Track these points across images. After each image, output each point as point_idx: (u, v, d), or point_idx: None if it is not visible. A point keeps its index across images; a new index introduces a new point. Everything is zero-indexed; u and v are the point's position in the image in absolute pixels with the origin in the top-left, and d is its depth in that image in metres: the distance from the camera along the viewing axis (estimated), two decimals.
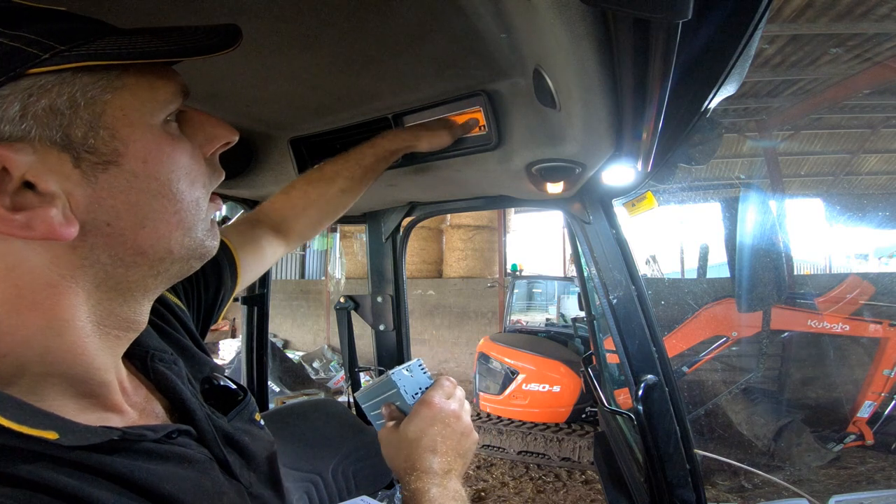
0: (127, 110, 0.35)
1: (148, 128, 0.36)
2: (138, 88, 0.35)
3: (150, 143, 0.36)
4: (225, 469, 0.45)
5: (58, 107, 0.31)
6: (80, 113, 0.32)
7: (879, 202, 9.99)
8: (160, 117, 0.37)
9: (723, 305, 3.85)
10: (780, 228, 4.68)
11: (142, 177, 0.35)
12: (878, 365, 3.53)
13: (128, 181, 0.35)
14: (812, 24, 4.67)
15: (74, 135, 0.32)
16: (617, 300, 1.14)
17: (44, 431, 0.32)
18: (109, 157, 0.34)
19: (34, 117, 0.31)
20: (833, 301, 4.05)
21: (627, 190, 1.11)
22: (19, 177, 0.31)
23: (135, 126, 0.35)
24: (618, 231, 1.16)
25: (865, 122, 8.09)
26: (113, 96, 0.34)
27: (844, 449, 3.59)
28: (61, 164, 0.32)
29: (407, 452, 0.59)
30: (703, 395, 4.34)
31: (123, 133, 0.34)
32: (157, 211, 0.36)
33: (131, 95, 0.35)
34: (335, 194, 0.85)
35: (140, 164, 0.35)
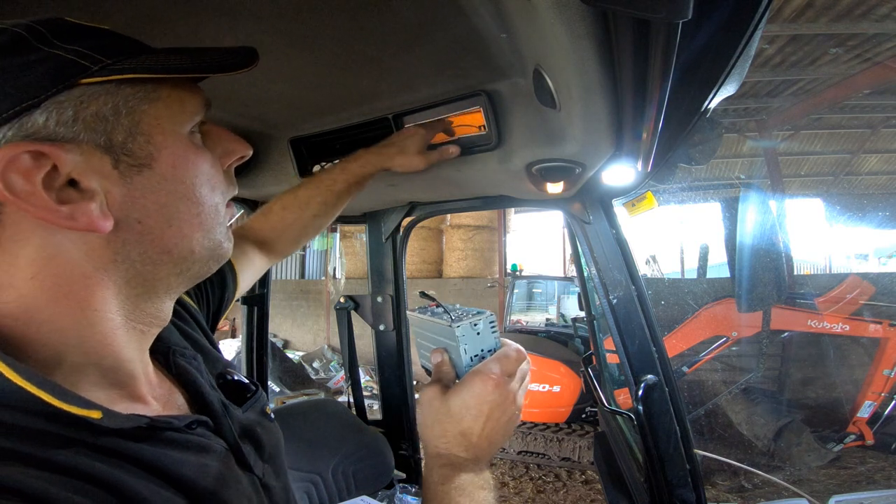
0: (161, 119, 0.39)
1: (177, 136, 0.40)
2: (170, 100, 0.39)
3: (179, 150, 0.40)
4: (240, 459, 0.47)
5: (103, 113, 0.35)
6: (121, 120, 0.36)
7: (879, 202, 10.00)
8: (188, 127, 0.41)
9: (723, 305, 3.86)
10: (780, 228, 4.68)
11: (170, 180, 0.39)
12: (878, 365, 3.53)
13: (158, 183, 0.38)
14: (812, 24, 4.67)
15: (115, 139, 0.36)
16: (617, 300, 1.14)
17: (89, 411, 0.34)
18: (144, 160, 0.38)
19: (83, 122, 0.35)
20: (833, 301, 4.05)
21: (627, 190, 1.11)
22: (66, 174, 0.34)
23: (167, 134, 0.39)
24: (618, 231, 1.16)
25: (865, 122, 8.09)
26: (149, 107, 0.38)
27: (844, 449, 3.59)
28: (102, 164, 0.36)
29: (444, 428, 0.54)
30: (703, 395, 4.34)
31: (157, 140, 0.38)
32: (182, 212, 0.40)
33: (164, 106, 0.39)
34: (309, 219, 0.88)
35: (170, 168, 0.39)
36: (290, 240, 0.90)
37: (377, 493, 1.44)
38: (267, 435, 0.55)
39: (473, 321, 0.57)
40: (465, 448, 0.54)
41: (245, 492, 0.45)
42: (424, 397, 0.57)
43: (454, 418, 0.54)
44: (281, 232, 0.88)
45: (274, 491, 0.51)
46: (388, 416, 1.66)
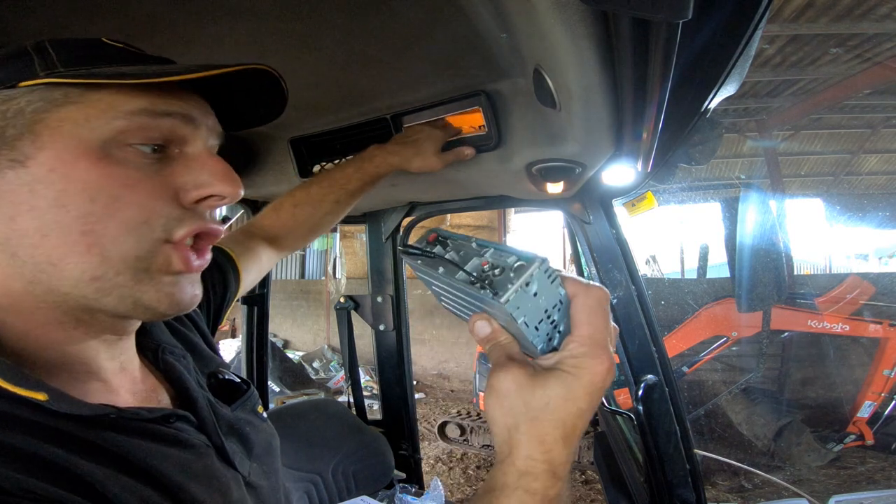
0: (63, 121, 0.36)
1: (73, 140, 0.36)
2: (91, 104, 0.36)
3: (65, 153, 0.35)
4: (222, 456, 0.46)
5: (13, 110, 0.35)
6: (23, 118, 0.35)
7: (879, 202, 10.00)
8: (101, 133, 0.36)
9: (723, 305, 3.85)
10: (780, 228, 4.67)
11: (44, 183, 0.35)
12: (878, 365, 3.53)
13: (29, 183, 0.35)
14: (812, 24, 4.67)
15: (8, 133, 0.35)
16: (617, 300, 1.14)
17: (35, 393, 0.33)
18: (18, 157, 0.35)
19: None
20: (833, 301, 4.05)
21: (627, 190, 1.11)
22: None
23: (58, 136, 0.35)
24: (618, 231, 1.16)
25: (865, 122, 8.09)
26: (60, 109, 0.36)
27: (844, 449, 3.59)
28: None
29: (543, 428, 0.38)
30: (703, 395, 4.34)
31: (43, 139, 0.35)
32: (58, 224, 0.35)
33: (77, 109, 0.36)
34: (321, 216, 0.89)
35: (45, 171, 0.35)
36: (299, 236, 0.91)
37: (377, 493, 1.44)
38: (256, 434, 0.54)
39: (523, 281, 0.38)
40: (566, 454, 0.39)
41: (221, 488, 0.43)
42: (505, 384, 0.39)
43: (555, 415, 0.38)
44: (291, 229, 0.89)
45: (260, 490, 0.51)
46: (388, 416, 1.66)
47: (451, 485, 3.66)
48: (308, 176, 1.08)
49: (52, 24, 0.58)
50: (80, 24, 0.58)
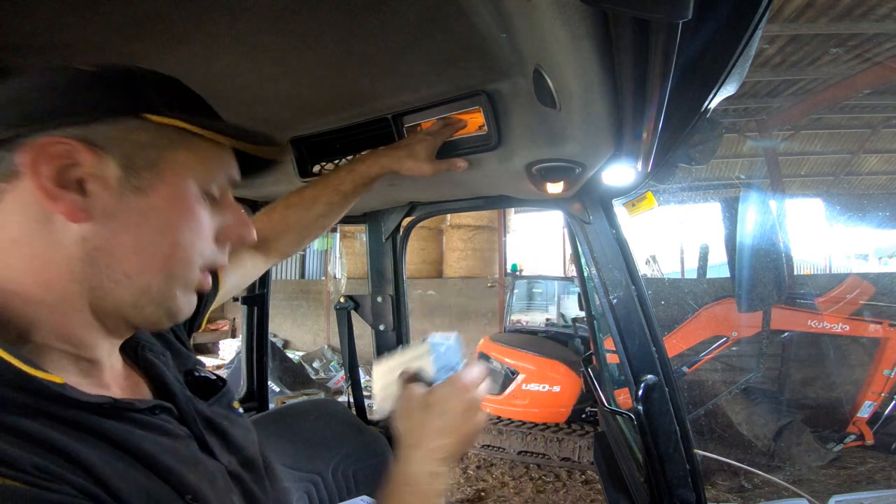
0: (179, 163, 0.44)
1: (184, 182, 0.44)
2: (198, 154, 0.45)
3: (179, 192, 0.44)
4: (203, 447, 0.49)
5: (140, 141, 0.42)
6: (148, 151, 0.42)
7: (879, 202, 10.00)
8: (200, 182, 0.45)
9: (723, 305, 3.86)
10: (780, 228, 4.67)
11: (157, 211, 0.43)
12: (878, 365, 3.53)
13: (144, 209, 0.42)
14: (812, 24, 4.67)
15: (136, 162, 0.42)
16: (617, 300, 1.14)
17: (53, 376, 0.37)
18: (144, 186, 0.42)
19: (122, 141, 0.41)
20: (833, 301, 4.05)
21: (627, 190, 1.11)
22: (82, 172, 0.40)
23: (176, 175, 0.44)
24: (618, 231, 1.16)
25: (865, 122, 8.09)
26: (177, 151, 0.44)
27: (844, 449, 3.59)
28: (112, 174, 0.41)
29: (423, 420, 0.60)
30: (703, 395, 4.34)
31: (165, 175, 0.43)
32: (153, 245, 0.43)
33: (189, 155, 0.45)
34: (313, 219, 0.88)
35: (161, 201, 0.43)
36: (292, 240, 0.90)
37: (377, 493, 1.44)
38: (234, 428, 0.57)
39: (441, 340, 0.65)
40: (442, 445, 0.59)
41: (208, 474, 0.46)
42: (405, 393, 0.63)
43: (434, 412, 0.59)
44: (282, 232, 0.88)
45: (242, 479, 0.53)
46: (389, 416, 1.66)
47: (451, 485, 3.67)
48: (308, 176, 1.08)
49: (51, 24, 0.58)
50: (79, 24, 0.58)
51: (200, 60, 0.69)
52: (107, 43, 0.63)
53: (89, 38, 0.61)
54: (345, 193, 0.87)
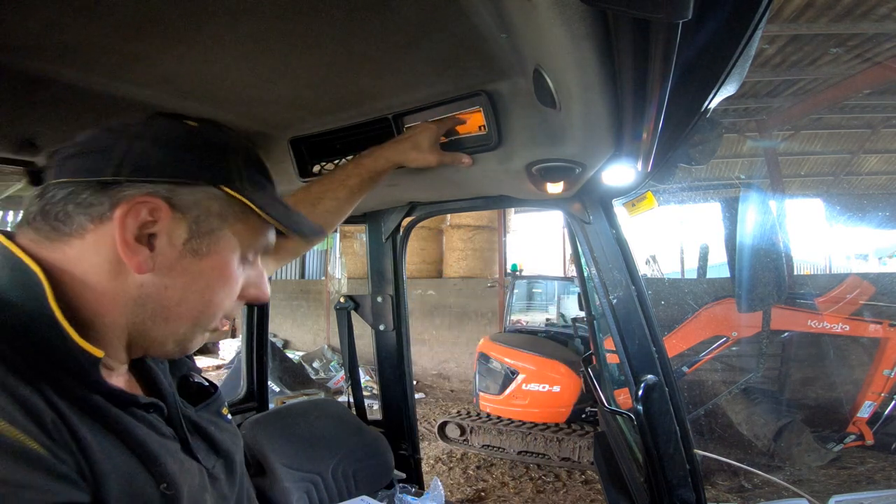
0: (234, 236, 0.51)
1: (233, 252, 0.51)
2: (250, 229, 0.52)
3: (225, 261, 0.51)
4: (185, 448, 0.52)
5: (212, 209, 0.49)
6: (213, 219, 0.49)
7: (879, 202, 10.00)
8: (245, 253, 0.53)
9: (723, 305, 3.86)
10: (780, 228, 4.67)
11: (205, 275, 0.49)
12: (878, 365, 3.53)
13: (195, 271, 0.49)
14: (812, 24, 4.67)
15: (202, 227, 0.48)
16: (617, 300, 1.14)
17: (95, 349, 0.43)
18: (201, 251, 0.49)
19: (198, 207, 0.48)
20: (833, 301, 4.05)
21: (627, 190, 1.11)
22: (158, 229, 0.46)
23: (229, 246, 0.51)
24: (618, 231, 1.16)
25: (865, 122, 8.09)
26: (235, 223, 0.51)
27: (844, 449, 3.59)
28: (181, 235, 0.48)
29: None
30: (703, 395, 4.34)
31: (220, 244, 0.50)
32: (194, 301, 0.50)
33: (243, 229, 0.51)
34: (321, 214, 0.87)
35: (210, 268, 0.50)
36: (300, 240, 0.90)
37: (377, 493, 1.44)
38: (221, 434, 0.60)
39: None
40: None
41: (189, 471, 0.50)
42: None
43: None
44: None
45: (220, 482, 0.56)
46: (388, 416, 1.66)
47: (451, 485, 3.67)
48: (308, 176, 1.08)
49: (52, 24, 0.58)
50: (79, 24, 0.58)
51: (200, 60, 0.69)
52: (107, 43, 0.63)
53: (90, 38, 0.61)
54: (351, 189, 0.87)
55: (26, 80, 0.68)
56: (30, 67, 0.66)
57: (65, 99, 0.75)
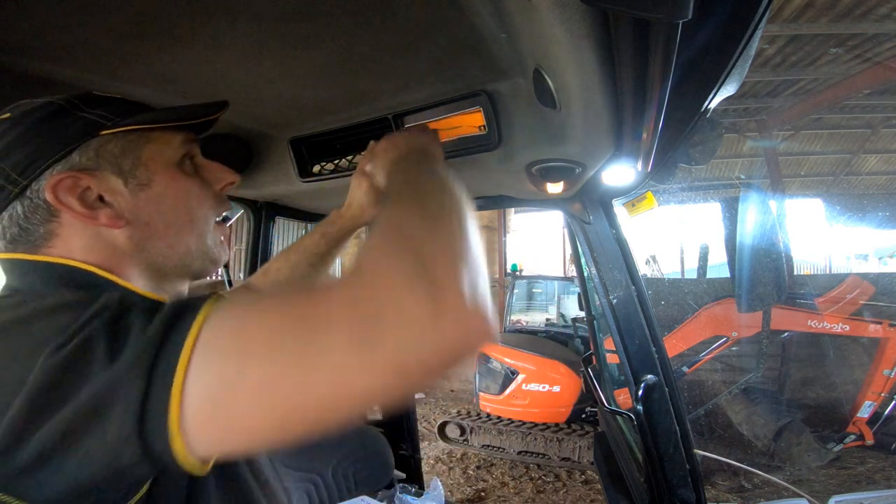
0: (154, 154, 0.54)
1: (167, 165, 0.55)
2: (160, 142, 0.55)
3: (170, 174, 0.55)
4: None
5: (115, 152, 0.52)
6: (127, 155, 0.52)
7: (879, 202, 10.00)
8: (175, 160, 0.56)
9: (723, 305, 3.85)
10: (780, 228, 4.67)
11: (165, 195, 0.54)
12: (878, 365, 3.53)
13: (157, 197, 0.53)
14: (812, 24, 4.68)
15: (124, 167, 0.52)
16: (617, 300, 1.14)
17: (161, 297, 0.51)
18: (145, 182, 0.53)
19: (102, 157, 0.51)
20: (833, 301, 4.05)
21: (627, 190, 1.11)
22: (96, 191, 0.50)
23: (159, 164, 0.54)
24: (618, 231, 1.17)
25: (865, 122, 8.09)
26: (146, 146, 0.53)
27: (844, 449, 3.59)
28: (116, 184, 0.51)
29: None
30: (703, 395, 4.34)
31: (152, 167, 0.54)
32: (175, 218, 0.54)
33: (156, 146, 0.54)
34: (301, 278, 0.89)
35: (163, 187, 0.54)
36: None
37: (377, 493, 1.44)
38: None
39: None
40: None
41: None
42: None
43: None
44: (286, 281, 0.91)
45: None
46: (388, 416, 1.67)
47: (451, 485, 3.67)
48: (308, 176, 1.08)
49: (50, 24, 0.58)
50: (80, 24, 0.58)
51: (200, 60, 0.69)
52: (107, 43, 0.63)
53: (90, 38, 0.61)
54: (322, 255, 0.89)
55: (26, 80, 0.68)
56: (30, 67, 0.66)
57: None
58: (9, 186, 0.48)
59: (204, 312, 0.36)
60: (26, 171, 0.48)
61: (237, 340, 0.35)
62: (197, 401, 0.34)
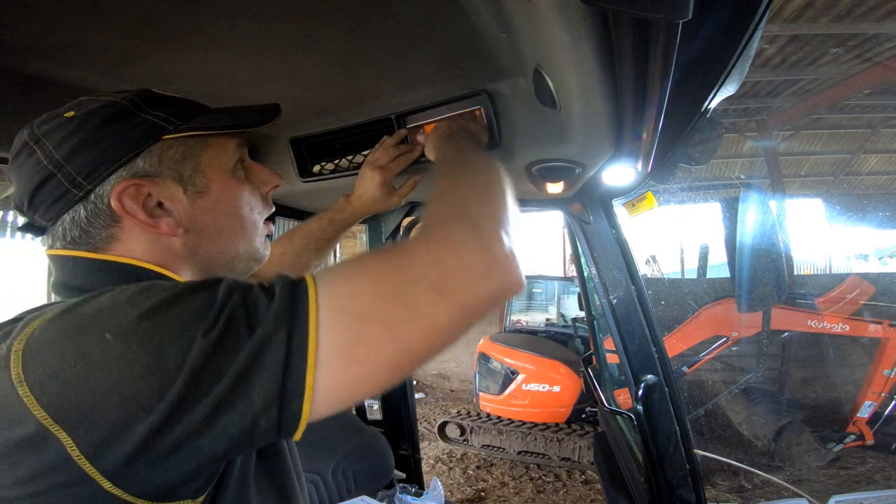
0: (213, 161, 0.55)
1: (224, 172, 0.56)
2: (218, 147, 0.56)
3: (226, 182, 0.56)
4: None
5: (176, 157, 0.52)
6: (187, 161, 0.53)
7: (879, 202, 9.99)
8: (231, 165, 0.57)
9: (723, 305, 3.85)
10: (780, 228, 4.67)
11: (220, 202, 0.55)
12: (878, 365, 3.53)
13: (213, 204, 0.54)
14: (812, 24, 4.67)
15: (184, 174, 0.53)
16: (617, 300, 1.14)
17: None
18: (202, 189, 0.54)
19: (164, 164, 0.51)
20: (833, 301, 4.05)
21: (627, 190, 1.11)
22: (156, 198, 0.51)
23: (216, 170, 0.55)
24: (618, 231, 1.17)
25: (865, 122, 8.08)
26: (204, 152, 0.54)
27: (844, 449, 3.59)
28: (176, 191, 0.52)
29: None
30: (703, 395, 4.34)
31: (210, 174, 0.55)
32: (230, 224, 0.56)
33: (214, 152, 0.55)
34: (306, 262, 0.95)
35: (219, 194, 0.55)
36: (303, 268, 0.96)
37: (377, 493, 1.44)
38: None
39: None
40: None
41: None
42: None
43: None
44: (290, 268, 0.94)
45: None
46: (388, 416, 1.66)
47: (451, 485, 3.67)
48: (308, 176, 1.08)
49: (52, 24, 0.58)
50: (80, 24, 0.58)
51: (200, 60, 0.69)
52: (107, 43, 0.63)
53: (90, 38, 0.61)
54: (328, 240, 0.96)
55: (26, 80, 0.68)
56: (30, 67, 0.66)
57: (64, 99, 0.75)
58: (74, 190, 0.48)
59: (310, 282, 0.41)
60: (91, 175, 0.48)
61: (351, 301, 0.41)
62: (328, 357, 0.39)
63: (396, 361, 0.41)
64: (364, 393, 0.43)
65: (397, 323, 0.41)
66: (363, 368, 0.40)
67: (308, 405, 0.38)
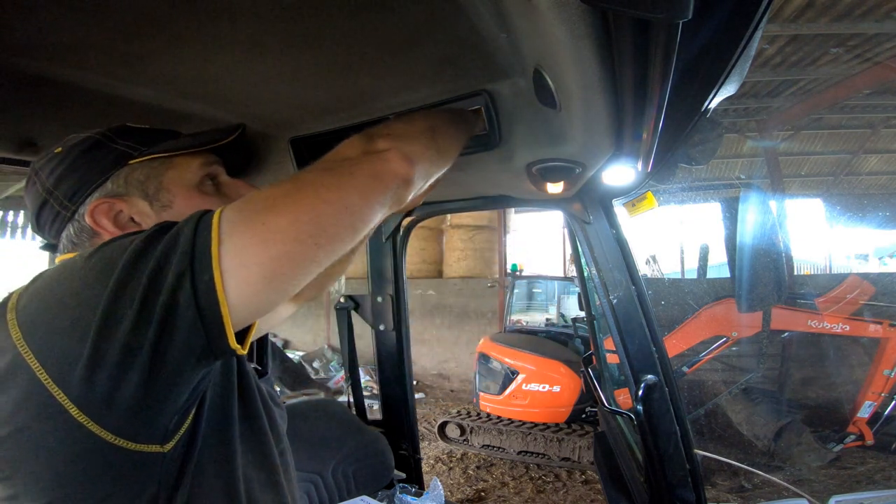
0: (175, 178, 0.63)
1: (187, 188, 0.63)
2: (181, 166, 0.64)
3: (189, 196, 0.63)
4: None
5: (141, 178, 0.61)
6: (151, 181, 0.62)
7: (879, 202, 9.99)
8: (195, 182, 0.64)
9: (723, 305, 3.85)
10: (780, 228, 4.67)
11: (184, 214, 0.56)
12: (878, 365, 3.53)
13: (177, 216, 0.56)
14: (812, 24, 4.67)
15: (149, 191, 0.61)
16: (617, 300, 1.14)
17: None
18: (167, 203, 0.62)
19: (130, 184, 0.61)
20: (833, 301, 4.05)
21: (627, 190, 1.11)
22: (127, 214, 0.60)
23: (179, 187, 0.63)
24: (618, 231, 1.17)
25: (865, 122, 8.09)
26: (167, 171, 0.63)
27: (844, 449, 3.59)
28: (143, 207, 0.61)
29: None
30: (703, 395, 4.34)
31: (173, 191, 0.62)
32: None
33: (176, 171, 0.63)
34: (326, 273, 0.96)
35: (183, 207, 0.61)
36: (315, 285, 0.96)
37: (377, 493, 1.44)
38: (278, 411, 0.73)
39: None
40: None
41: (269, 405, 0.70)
42: None
43: None
44: None
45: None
46: (388, 416, 1.66)
47: (451, 485, 3.67)
48: None
49: (52, 24, 0.58)
50: (80, 24, 0.58)
51: (200, 60, 0.69)
52: (107, 43, 0.63)
53: (90, 38, 0.61)
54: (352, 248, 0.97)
55: (26, 80, 0.68)
56: (30, 67, 0.66)
57: (65, 99, 0.75)
58: (63, 212, 0.59)
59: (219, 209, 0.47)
60: (73, 197, 0.59)
61: (250, 204, 0.49)
62: (229, 226, 0.45)
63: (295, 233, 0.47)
64: (278, 287, 0.48)
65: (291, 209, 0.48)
66: (265, 237, 0.46)
67: (218, 274, 0.43)
